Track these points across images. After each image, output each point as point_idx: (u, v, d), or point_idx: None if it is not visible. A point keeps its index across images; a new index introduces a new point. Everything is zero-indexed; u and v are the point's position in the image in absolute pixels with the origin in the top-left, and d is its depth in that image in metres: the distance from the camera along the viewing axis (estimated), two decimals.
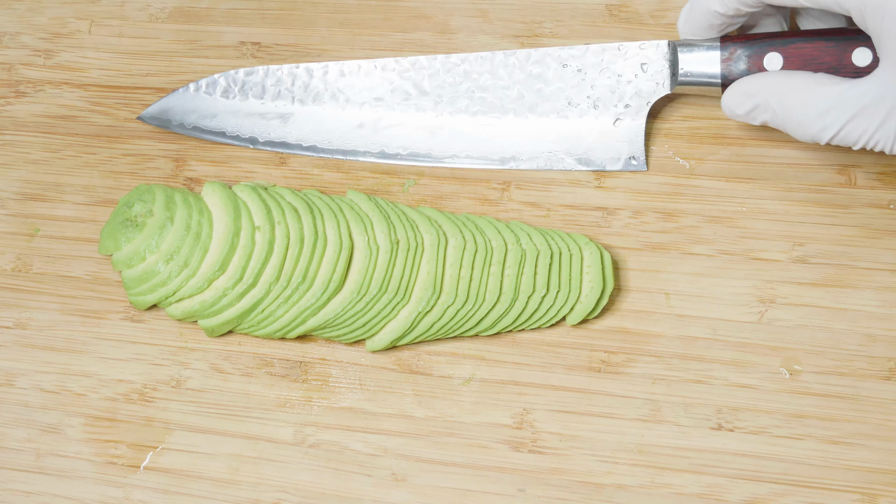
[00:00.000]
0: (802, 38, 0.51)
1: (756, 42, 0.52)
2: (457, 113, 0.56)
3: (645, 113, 0.54)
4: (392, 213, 0.54)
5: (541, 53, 0.55)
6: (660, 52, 0.54)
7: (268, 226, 0.53)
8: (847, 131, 0.47)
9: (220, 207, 0.54)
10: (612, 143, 0.54)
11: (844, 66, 0.50)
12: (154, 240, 0.53)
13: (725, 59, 0.52)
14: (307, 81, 0.57)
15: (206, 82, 0.58)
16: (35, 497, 0.54)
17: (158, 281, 0.53)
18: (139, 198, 0.54)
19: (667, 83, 0.54)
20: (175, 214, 0.54)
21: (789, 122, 0.49)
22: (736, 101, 0.51)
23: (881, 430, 0.50)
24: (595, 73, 0.55)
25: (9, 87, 0.64)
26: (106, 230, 0.55)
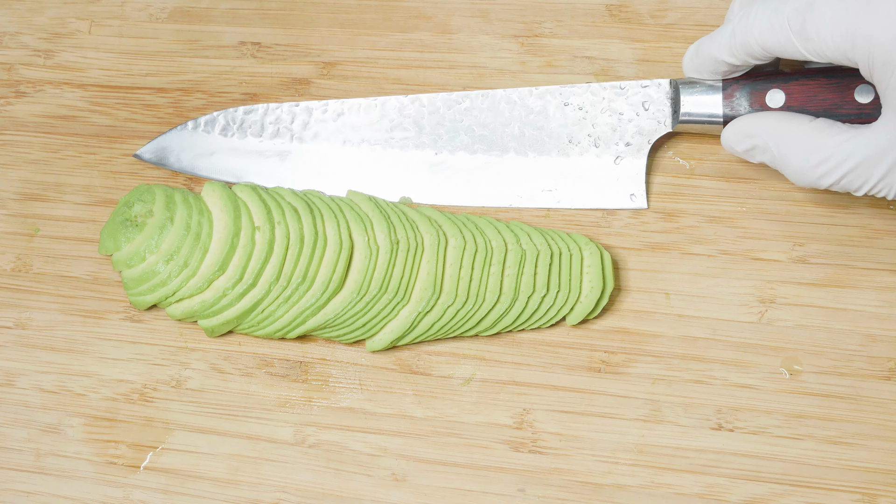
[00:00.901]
0: (805, 75, 0.51)
1: (758, 79, 0.52)
2: (457, 150, 0.56)
3: (646, 151, 0.54)
4: (392, 213, 0.54)
5: (542, 91, 0.55)
6: (661, 90, 0.54)
7: (268, 226, 0.53)
8: (848, 181, 0.47)
9: (220, 207, 0.54)
10: (612, 181, 0.54)
11: (847, 104, 0.50)
12: (154, 240, 0.53)
13: (727, 97, 0.52)
14: (306, 120, 0.57)
15: (204, 120, 0.58)
16: (35, 497, 0.54)
17: (158, 281, 0.53)
18: (139, 198, 0.54)
19: (668, 121, 0.54)
20: (175, 214, 0.54)
21: (788, 167, 0.49)
22: (735, 140, 0.51)
23: (881, 430, 0.50)
24: (596, 112, 0.55)
25: (9, 87, 0.64)
26: (106, 230, 0.55)
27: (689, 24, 0.59)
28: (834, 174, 0.47)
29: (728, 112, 0.52)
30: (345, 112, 0.57)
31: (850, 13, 0.44)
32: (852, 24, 0.44)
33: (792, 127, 0.49)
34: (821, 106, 0.50)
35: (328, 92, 0.60)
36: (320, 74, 0.61)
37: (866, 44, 0.44)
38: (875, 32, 0.43)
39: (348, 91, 0.60)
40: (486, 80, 0.59)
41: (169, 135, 0.58)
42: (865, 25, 0.44)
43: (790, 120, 0.49)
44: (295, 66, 0.61)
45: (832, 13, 0.45)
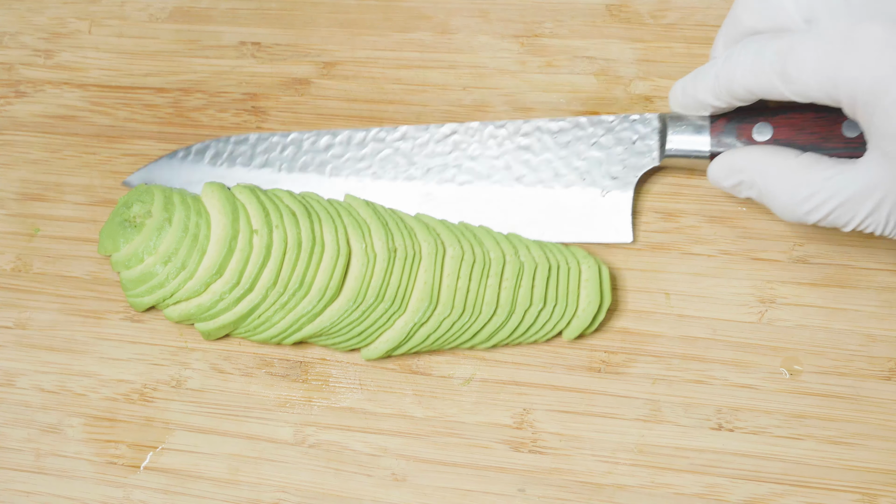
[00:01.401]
0: (792, 108, 0.51)
1: (746, 113, 0.51)
2: (444, 182, 0.55)
3: (633, 185, 0.54)
4: (390, 220, 0.54)
5: (531, 126, 0.55)
6: (649, 125, 0.54)
7: (265, 229, 0.53)
8: (835, 217, 0.47)
9: (219, 209, 0.54)
10: (599, 215, 0.54)
11: (834, 137, 0.50)
12: (152, 241, 0.53)
13: (715, 131, 0.52)
14: (296, 150, 0.57)
15: (195, 149, 0.58)
16: (35, 497, 0.54)
17: (156, 283, 0.53)
18: (138, 198, 0.54)
19: (656, 155, 0.54)
20: (173, 215, 0.53)
21: (774, 203, 0.48)
22: (721, 175, 0.51)
23: (881, 430, 0.50)
24: (584, 146, 0.55)
25: (9, 87, 0.64)
26: (105, 230, 0.54)
27: (689, 24, 0.59)
28: (821, 210, 0.47)
29: (715, 147, 0.52)
30: (334, 144, 0.57)
31: (830, 55, 0.44)
32: (833, 65, 0.44)
33: (778, 162, 0.48)
34: (808, 140, 0.50)
35: (328, 92, 0.60)
36: (320, 74, 0.61)
37: (848, 85, 0.43)
38: (856, 74, 0.43)
39: (348, 91, 0.60)
40: (486, 80, 0.59)
41: (158, 163, 0.58)
42: (846, 67, 0.43)
43: (776, 155, 0.49)
44: (295, 66, 0.61)
45: (813, 55, 0.44)
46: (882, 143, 0.44)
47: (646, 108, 0.57)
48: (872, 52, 0.43)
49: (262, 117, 0.60)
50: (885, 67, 0.42)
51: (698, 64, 0.57)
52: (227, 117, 0.61)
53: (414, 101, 0.59)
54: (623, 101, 0.58)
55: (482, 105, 0.59)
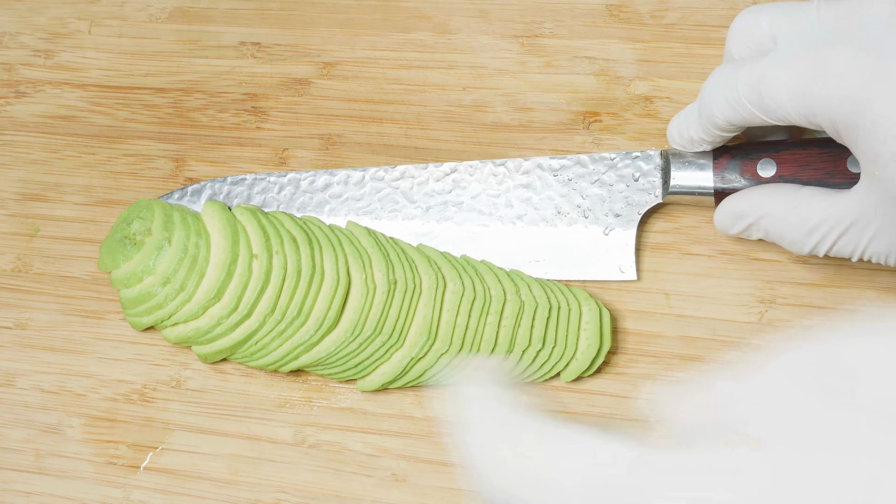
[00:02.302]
0: (796, 144, 0.50)
1: (749, 149, 0.51)
2: (444, 221, 0.55)
3: (636, 222, 0.53)
4: (391, 251, 0.53)
5: (532, 164, 0.55)
6: (652, 162, 0.53)
7: (265, 255, 0.52)
8: (840, 247, 0.46)
9: (219, 231, 0.53)
10: (602, 253, 0.54)
11: (839, 173, 0.49)
12: (151, 260, 0.52)
13: (718, 167, 0.51)
14: (293, 191, 0.57)
15: (191, 189, 0.57)
16: (35, 497, 0.54)
17: (155, 303, 0.52)
18: (138, 214, 0.53)
19: (659, 192, 0.53)
20: (173, 235, 0.53)
21: (783, 241, 0.48)
22: (727, 223, 0.50)
23: None
24: (586, 183, 0.54)
25: (9, 87, 0.64)
26: (105, 246, 0.54)
27: (689, 24, 0.59)
28: (826, 242, 0.46)
29: (719, 184, 0.51)
30: (332, 183, 0.56)
31: (801, 80, 0.43)
32: (807, 91, 0.43)
33: (780, 201, 0.48)
34: (813, 175, 0.49)
35: (328, 92, 0.60)
36: (320, 74, 0.61)
37: (825, 110, 0.43)
38: (831, 97, 0.42)
39: (348, 91, 0.60)
40: (486, 80, 0.59)
41: None
42: (820, 92, 0.43)
43: (777, 193, 0.48)
44: (295, 66, 0.61)
45: (785, 82, 0.44)
46: (868, 166, 0.43)
47: (645, 109, 0.57)
48: (843, 75, 0.42)
49: (262, 117, 0.60)
50: (856, 90, 0.42)
51: (698, 64, 0.57)
52: (227, 117, 0.61)
53: (414, 101, 0.59)
54: (623, 101, 0.58)
55: (482, 105, 0.59)
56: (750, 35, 0.47)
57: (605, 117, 0.57)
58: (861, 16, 0.43)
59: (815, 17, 0.45)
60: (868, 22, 0.43)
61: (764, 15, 0.47)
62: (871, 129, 0.42)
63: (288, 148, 0.60)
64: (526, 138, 0.58)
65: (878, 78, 0.41)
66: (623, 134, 0.57)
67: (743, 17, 0.48)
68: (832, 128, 0.44)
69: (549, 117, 0.58)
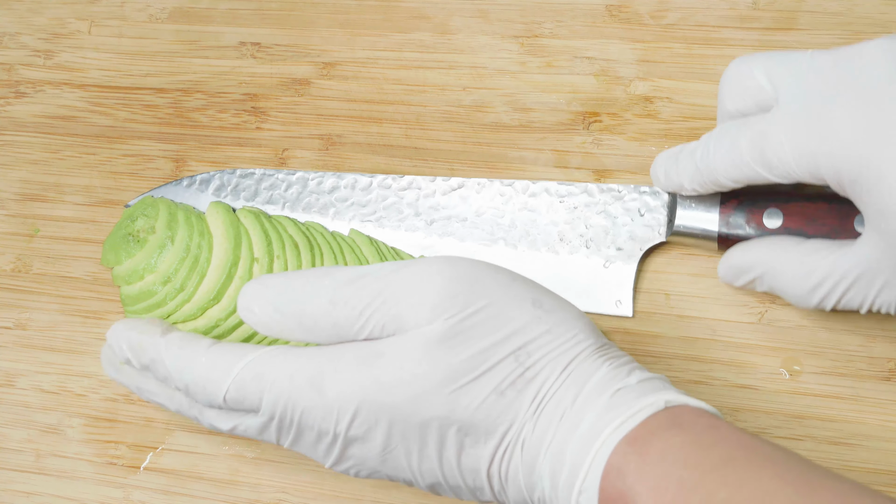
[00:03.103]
0: (805, 197, 0.50)
1: (757, 197, 0.50)
2: (446, 236, 0.55)
3: (637, 258, 0.53)
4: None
5: (539, 187, 0.55)
6: (659, 199, 0.53)
7: (266, 258, 0.52)
8: (847, 300, 0.46)
9: (222, 232, 0.53)
10: (600, 285, 0.53)
11: (846, 231, 0.48)
12: (153, 259, 0.52)
13: (724, 212, 0.51)
14: (300, 190, 0.57)
15: (199, 178, 0.57)
16: (35, 497, 0.54)
17: (154, 302, 0.52)
18: (143, 212, 0.54)
19: (663, 230, 0.53)
20: (176, 234, 0.53)
21: (787, 296, 0.48)
22: (731, 276, 0.50)
23: (881, 430, 0.50)
24: (591, 213, 0.54)
25: (9, 88, 0.64)
26: (108, 242, 0.54)
27: (689, 24, 0.59)
28: (832, 297, 0.46)
29: (723, 229, 0.50)
30: (339, 187, 0.56)
31: (805, 136, 0.43)
32: (810, 147, 0.43)
33: (783, 255, 0.48)
34: (819, 230, 0.49)
35: (328, 92, 0.60)
36: (320, 74, 0.61)
37: (830, 166, 0.42)
38: (835, 153, 0.42)
39: (348, 91, 0.60)
40: (486, 81, 0.59)
41: (162, 189, 0.58)
42: (824, 148, 0.42)
43: (781, 248, 0.48)
44: (295, 66, 0.61)
45: (788, 138, 0.44)
46: (874, 219, 0.43)
47: (645, 109, 0.57)
48: (846, 130, 0.42)
49: (261, 117, 0.60)
50: (860, 145, 0.41)
51: (698, 64, 0.57)
52: (226, 117, 0.61)
53: (414, 101, 0.59)
54: (623, 101, 0.58)
55: (482, 105, 0.59)
56: (745, 87, 0.47)
57: (605, 117, 0.57)
58: (858, 66, 0.43)
59: (811, 66, 0.44)
60: (866, 72, 0.42)
61: (757, 66, 0.46)
62: (876, 183, 0.41)
63: (288, 148, 0.60)
64: (526, 138, 0.58)
65: (881, 131, 0.41)
66: (623, 134, 0.57)
67: (734, 68, 0.47)
68: (837, 183, 0.43)
69: (549, 117, 0.58)
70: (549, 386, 0.40)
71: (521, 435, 0.41)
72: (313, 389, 0.42)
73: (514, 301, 0.42)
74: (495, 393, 0.40)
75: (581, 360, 0.41)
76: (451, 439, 0.41)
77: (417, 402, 0.40)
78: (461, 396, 0.40)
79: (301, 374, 0.42)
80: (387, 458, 0.42)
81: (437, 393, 0.40)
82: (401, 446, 0.42)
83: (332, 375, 0.42)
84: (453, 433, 0.41)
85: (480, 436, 0.41)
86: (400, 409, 0.41)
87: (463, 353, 0.40)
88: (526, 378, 0.41)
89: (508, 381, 0.40)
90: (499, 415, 0.40)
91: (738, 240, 0.50)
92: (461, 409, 0.40)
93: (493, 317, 0.41)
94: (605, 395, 0.40)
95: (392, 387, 0.41)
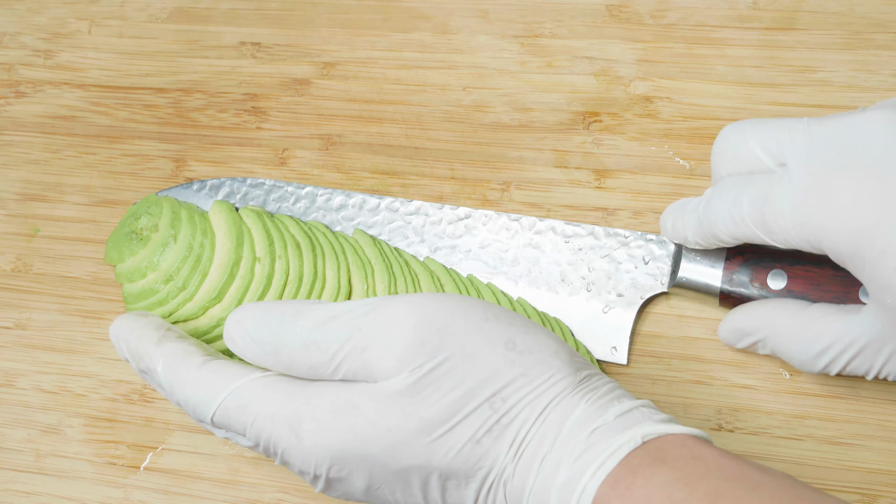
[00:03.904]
0: (811, 261, 0.49)
1: (763, 256, 0.50)
2: (449, 265, 0.54)
3: (637, 306, 0.52)
4: (395, 263, 0.53)
5: (546, 225, 0.54)
6: (665, 249, 0.53)
7: (268, 258, 0.52)
8: (853, 367, 0.45)
9: (224, 232, 0.53)
10: (597, 330, 0.52)
11: (851, 300, 0.48)
12: (156, 257, 0.52)
13: (729, 268, 0.50)
14: (308, 205, 0.56)
15: (210, 184, 0.57)
16: (35, 497, 0.54)
17: (156, 300, 0.52)
18: (146, 210, 0.54)
19: (666, 281, 0.52)
20: (179, 232, 0.53)
21: (793, 361, 0.47)
22: (733, 339, 0.50)
23: (881, 430, 0.50)
24: (595, 256, 0.53)
25: (9, 88, 0.64)
26: (112, 240, 0.54)
27: (689, 24, 0.59)
28: (837, 364, 0.45)
29: (726, 285, 0.50)
30: (347, 205, 0.56)
31: (806, 206, 0.42)
32: (810, 217, 0.42)
33: (787, 321, 0.47)
34: (823, 297, 0.48)
35: (328, 92, 0.60)
36: (320, 74, 0.61)
37: (828, 238, 0.42)
38: (834, 227, 0.42)
39: (348, 91, 0.60)
40: (486, 81, 0.59)
41: (171, 191, 0.58)
42: (823, 221, 0.42)
43: (784, 312, 0.47)
44: (295, 66, 0.61)
45: (789, 206, 0.43)
46: (876, 294, 0.42)
47: (645, 109, 0.57)
48: (847, 204, 0.41)
49: (262, 117, 0.60)
50: (861, 219, 0.41)
51: (698, 64, 0.57)
52: (227, 117, 0.61)
53: (414, 101, 0.60)
54: (623, 101, 0.58)
55: (482, 105, 0.59)
56: (739, 157, 0.46)
57: (605, 117, 0.57)
58: (859, 137, 0.42)
59: (810, 135, 0.44)
60: (867, 144, 0.42)
61: (752, 136, 0.46)
62: (878, 259, 0.41)
63: (288, 148, 0.60)
64: (526, 138, 0.58)
65: (881, 205, 0.40)
66: (623, 134, 0.57)
67: (727, 137, 0.47)
68: (835, 254, 0.43)
69: (549, 117, 0.58)
70: (528, 430, 0.40)
71: (503, 477, 0.40)
72: (292, 433, 0.42)
73: (486, 345, 0.41)
74: (472, 442, 0.40)
75: (559, 400, 0.40)
76: (433, 483, 0.41)
77: (394, 453, 0.40)
78: (437, 447, 0.40)
79: (280, 415, 0.42)
80: (374, 494, 0.42)
81: (412, 444, 0.40)
82: (385, 487, 0.42)
83: (309, 423, 0.41)
84: (434, 478, 0.41)
85: (461, 480, 0.40)
86: (377, 458, 0.41)
87: (435, 405, 0.40)
88: (502, 424, 0.40)
89: (484, 429, 0.40)
90: (477, 461, 0.40)
91: (739, 297, 0.50)
92: (439, 458, 0.40)
93: (462, 364, 0.40)
94: (583, 435, 0.39)
95: (368, 439, 0.40)
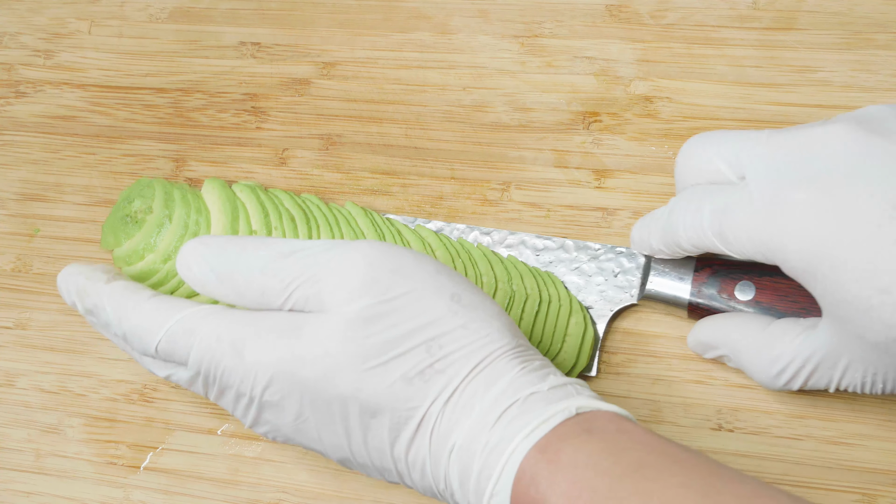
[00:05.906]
0: (779, 272, 0.49)
1: (732, 268, 0.50)
2: None
3: (606, 319, 0.52)
4: (387, 232, 0.54)
5: (517, 238, 0.54)
6: (634, 261, 0.53)
7: (264, 231, 0.53)
8: (813, 382, 0.46)
9: (219, 208, 0.54)
10: None
11: (817, 310, 0.47)
12: (152, 238, 0.53)
13: (697, 280, 0.50)
14: None
15: None
16: (35, 497, 0.54)
17: (157, 280, 0.53)
18: (139, 193, 0.54)
19: (635, 293, 0.52)
20: (174, 212, 0.53)
21: (755, 377, 0.48)
22: (699, 350, 0.50)
23: (881, 430, 0.50)
24: (565, 269, 0.53)
25: (9, 87, 0.64)
26: (107, 225, 0.54)
27: (689, 24, 0.59)
28: (797, 380, 0.46)
29: (694, 297, 0.50)
30: None
31: (760, 220, 0.43)
32: (764, 232, 0.43)
33: (748, 339, 0.47)
34: (789, 308, 0.49)
35: (328, 92, 0.60)
36: (320, 74, 0.61)
37: (782, 251, 0.42)
38: (786, 243, 0.42)
39: (348, 91, 0.60)
40: (486, 81, 0.59)
41: None
42: (776, 236, 0.42)
43: (747, 328, 0.48)
44: (295, 66, 0.61)
45: (744, 219, 0.44)
46: (829, 308, 0.42)
47: (645, 109, 0.57)
48: (801, 217, 0.42)
49: (262, 117, 0.60)
50: (814, 233, 0.41)
51: (698, 64, 0.57)
52: (227, 117, 0.61)
53: (414, 101, 0.60)
54: (623, 101, 0.58)
55: (482, 105, 0.59)
56: (701, 170, 0.47)
57: (604, 117, 0.57)
58: (817, 152, 0.43)
59: (770, 147, 0.44)
60: (824, 160, 0.42)
61: (714, 150, 0.46)
62: (830, 273, 0.41)
63: (288, 148, 0.60)
64: (526, 138, 0.58)
65: (835, 219, 0.41)
66: (623, 134, 0.57)
67: (690, 150, 0.47)
68: (787, 267, 0.43)
69: (549, 117, 0.58)
70: (459, 381, 0.41)
71: (428, 424, 0.41)
72: (234, 352, 0.43)
73: (434, 292, 0.42)
74: (402, 379, 0.41)
75: (493, 358, 0.41)
76: (355, 417, 0.42)
77: (327, 378, 0.41)
78: (369, 378, 0.41)
79: (226, 336, 0.44)
80: (299, 428, 0.44)
81: (346, 372, 0.41)
82: (312, 418, 0.43)
83: (253, 341, 0.43)
84: (358, 412, 0.42)
85: (385, 418, 0.41)
86: (311, 383, 0.42)
87: (375, 337, 0.41)
88: (435, 369, 0.41)
89: (417, 370, 0.41)
90: (406, 400, 0.41)
91: (708, 309, 0.50)
92: (368, 389, 0.41)
93: (409, 305, 0.42)
94: (518, 399, 0.40)
95: (306, 361, 0.42)
